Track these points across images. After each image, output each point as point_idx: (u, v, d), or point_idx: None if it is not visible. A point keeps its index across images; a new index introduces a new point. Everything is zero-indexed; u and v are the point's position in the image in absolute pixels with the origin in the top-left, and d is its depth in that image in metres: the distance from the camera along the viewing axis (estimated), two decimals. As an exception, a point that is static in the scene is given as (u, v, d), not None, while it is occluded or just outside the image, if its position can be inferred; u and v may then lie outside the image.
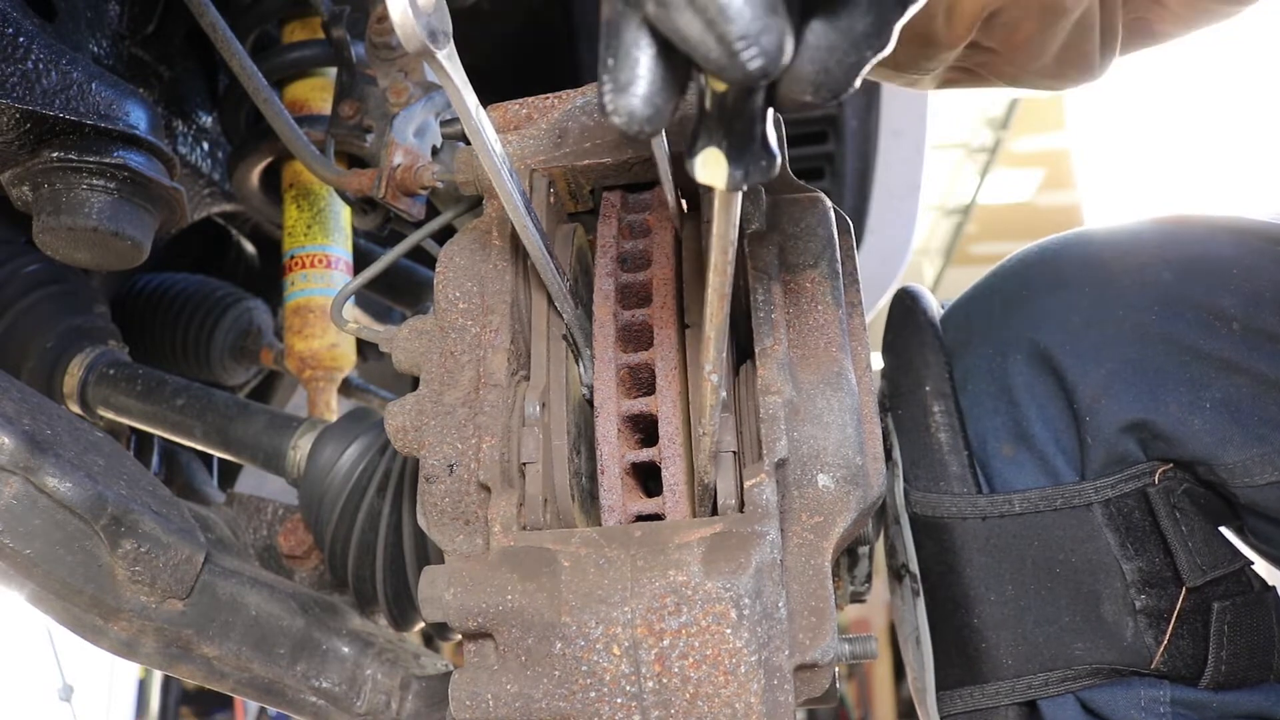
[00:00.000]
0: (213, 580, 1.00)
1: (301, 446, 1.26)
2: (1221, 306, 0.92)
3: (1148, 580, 0.92)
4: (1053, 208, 8.51)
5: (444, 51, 0.51)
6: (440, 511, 0.72)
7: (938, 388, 1.01)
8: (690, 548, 0.62)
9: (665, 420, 0.70)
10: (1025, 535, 0.95)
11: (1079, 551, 0.94)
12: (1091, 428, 0.94)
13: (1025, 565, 0.95)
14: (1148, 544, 0.93)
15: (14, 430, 0.87)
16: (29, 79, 0.99)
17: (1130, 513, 0.93)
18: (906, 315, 1.07)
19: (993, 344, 1.01)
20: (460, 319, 0.78)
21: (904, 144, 2.21)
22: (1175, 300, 0.93)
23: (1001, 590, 0.95)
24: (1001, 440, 0.99)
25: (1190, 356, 0.91)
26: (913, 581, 1.02)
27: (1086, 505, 0.93)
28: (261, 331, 1.68)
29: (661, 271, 0.75)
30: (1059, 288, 0.99)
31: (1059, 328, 0.97)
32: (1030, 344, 0.98)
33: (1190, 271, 0.95)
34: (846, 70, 0.45)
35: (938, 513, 0.98)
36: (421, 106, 1.21)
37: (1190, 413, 0.91)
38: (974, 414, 1.01)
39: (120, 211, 1.07)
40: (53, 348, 1.40)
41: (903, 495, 1.01)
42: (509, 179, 0.63)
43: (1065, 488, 0.94)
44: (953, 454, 0.99)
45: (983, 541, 0.96)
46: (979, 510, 0.96)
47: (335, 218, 1.47)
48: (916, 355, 1.04)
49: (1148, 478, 0.93)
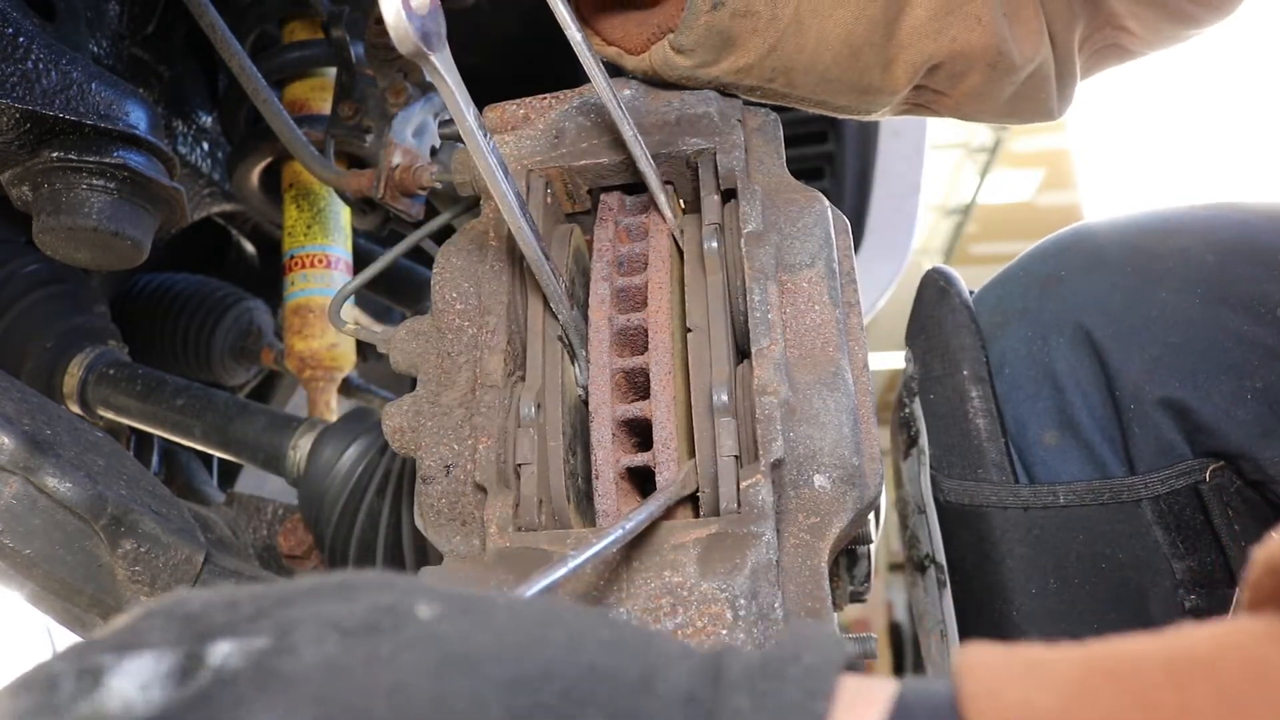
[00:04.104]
0: (213, 580, 1.00)
1: (301, 446, 1.26)
2: (1266, 292, 0.88)
3: (1198, 580, 0.89)
4: (1053, 208, 8.50)
5: (438, 54, 0.51)
6: (437, 512, 0.72)
7: (975, 371, 0.97)
8: (686, 549, 0.62)
9: (660, 425, 0.70)
10: (1070, 528, 0.91)
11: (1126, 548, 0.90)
12: (1137, 416, 0.90)
13: (1069, 559, 0.91)
14: (1200, 543, 0.89)
15: (14, 430, 0.88)
16: (29, 79, 0.99)
17: (1181, 510, 0.89)
18: (940, 296, 1.02)
19: (1031, 326, 0.96)
20: (457, 320, 0.78)
21: (904, 144, 2.21)
22: (1219, 284, 0.89)
23: (1044, 583, 0.91)
24: (1044, 427, 0.94)
25: (1233, 342, 0.87)
26: (939, 573, 0.98)
27: (1136, 501, 0.90)
28: (261, 331, 1.69)
29: (658, 275, 0.75)
30: (1098, 267, 0.95)
31: (1100, 309, 0.93)
32: (1074, 326, 0.93)
33: (1233, 256, 0.91)
34: None
35: (975, 501, 0.94)
36: (420, 107, 1.21)
37: (1234, 403, 0.87)
38: (1011, 399, 0.96)
39: (120, 211, 1.08)
40: (53, 348, 1.40)
41: (929, 484, 0.97)
42: (504, 180, 0.63)
43: (1114, 482, 0.90)
44: (991, 441, 0.95)
45: (1024, 532, 0.92)
46: (1021, 500, 0.92)
47: (335, 218, 1.47)
48: (953, 337, 0.98)
49: (1199, 474, 0.89)
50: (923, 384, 1.00)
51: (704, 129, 0.80)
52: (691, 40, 0.80)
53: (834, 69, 0.85)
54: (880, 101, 0.91)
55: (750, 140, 0.83)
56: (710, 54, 0.81)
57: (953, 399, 0.97)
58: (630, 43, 0.86)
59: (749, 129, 0.84)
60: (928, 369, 1.00)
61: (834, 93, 0.89)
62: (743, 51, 0.81)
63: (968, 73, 0.91)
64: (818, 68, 0.85)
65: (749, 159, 0.81)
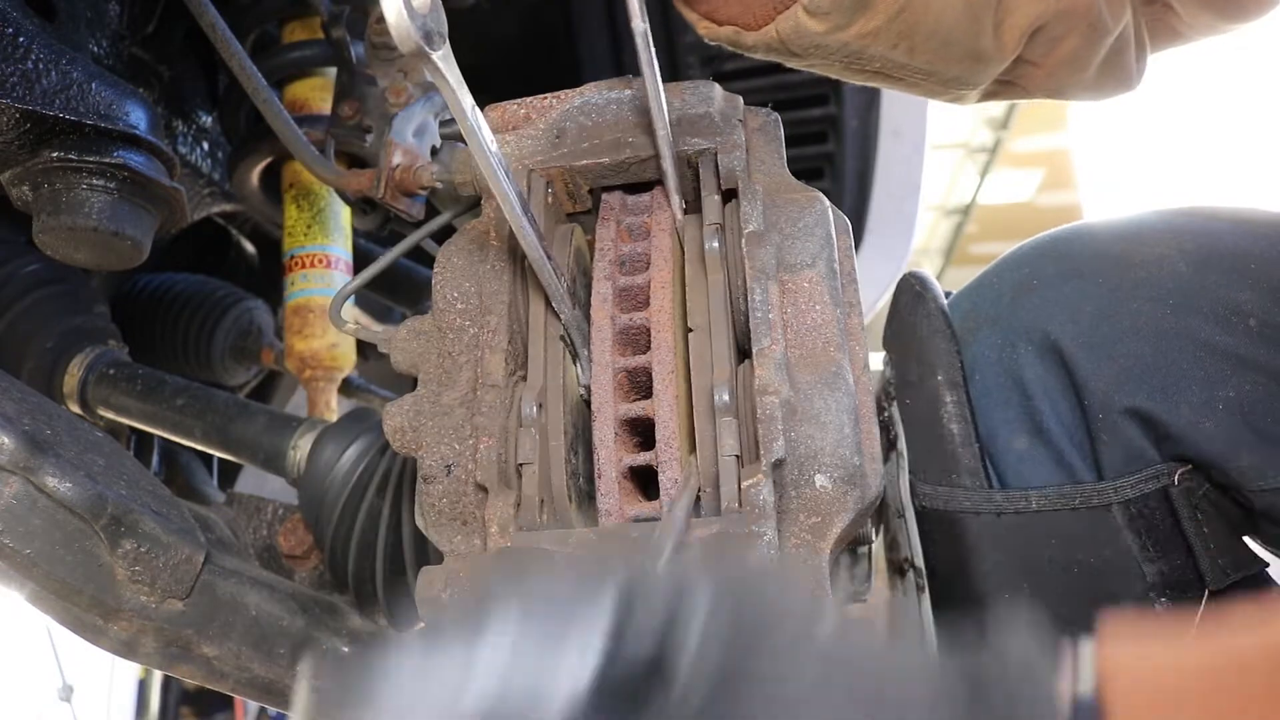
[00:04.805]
0: (213, 580, 1.00)
1: (301, 446, 1.26)
2: (1238, 301, 0.88)
3: (1169, 583, 0.89)
4: (1053, 208, 8.51)
5: (439, 53, 0.51)
6: (438, 512, 0.72)
7: (950, 377, 0.97)
8: (687, 549, 0.62)
9: (662, 424, 0.70)
10: (1042, 534, 0.92)
11: (1098, 553, 0.91)
12: (1105, 425, 0.91)
13: (1042, 564, 0.92)
14: (1169, 546, 0.90)
15: (14, 430, 0.87)
16: (29, 79, 0.99)
17: (1151, 514, 0.90)
18: (916, 301, 1.02)
19: (1001, 333, 0.97)
20: (458, 319, 0.78)
21: (904, 144, 2.21)
22: (1192, 293, 0.90)
23: (1017, 588, 0.92)
24: (1014, 433, 0.95)
25: (1205, 353, 0.88)
26: (917, 577, 0.99)
27: (1106, 506, 0.91)
28: (262, 331, 1.69)
29: (660, 275, 0.75)
30: (1071, 277, 0.95)
31: (1070, 319, 0.93)
32: (1041, 335, 0.94)
33: (1206, 264, 0.91)
34: None
35: (950, 507, 0.95)
36: (421, 107, 1.21)
37: (1202, 415, 0.88)
38: (983, 405, 0.97)
39: (120, 211, 1.08)
40: (53, 348, 1.40)
41: (908, 488, 0.98)
42: (505, 180, 0.63)
43: (1084, 486, 0.91)
44: (965, 446, 0.95)
45: (997, 538, 0.93)
46: (995, 506, 0.93)
47: (335, 218, 1.47)
48: (928, 343, 0.99)
49: (1167, 478, 0.90)
50: (899, 389, 1.01)
51: (705, 129, 0.80)
52: (829, 2, 0.83)
53: (955, 31, 0.88)
54: (989, 70, 0.94)
55: (751, 140, 0.83)
56: (844, 16, 0.85)
57: (928, 405, 0.97)
58: (749, 18, 0.89)
59: (750, 129, 0.84)
60: (903, 374, 1.00)
61: (950, 60, 0.91)
62: (874, 13, 0.85)
63: (1067, 35, 0.92)
64: (940, 31, 0.88)
65: (750, 159, 0.81)
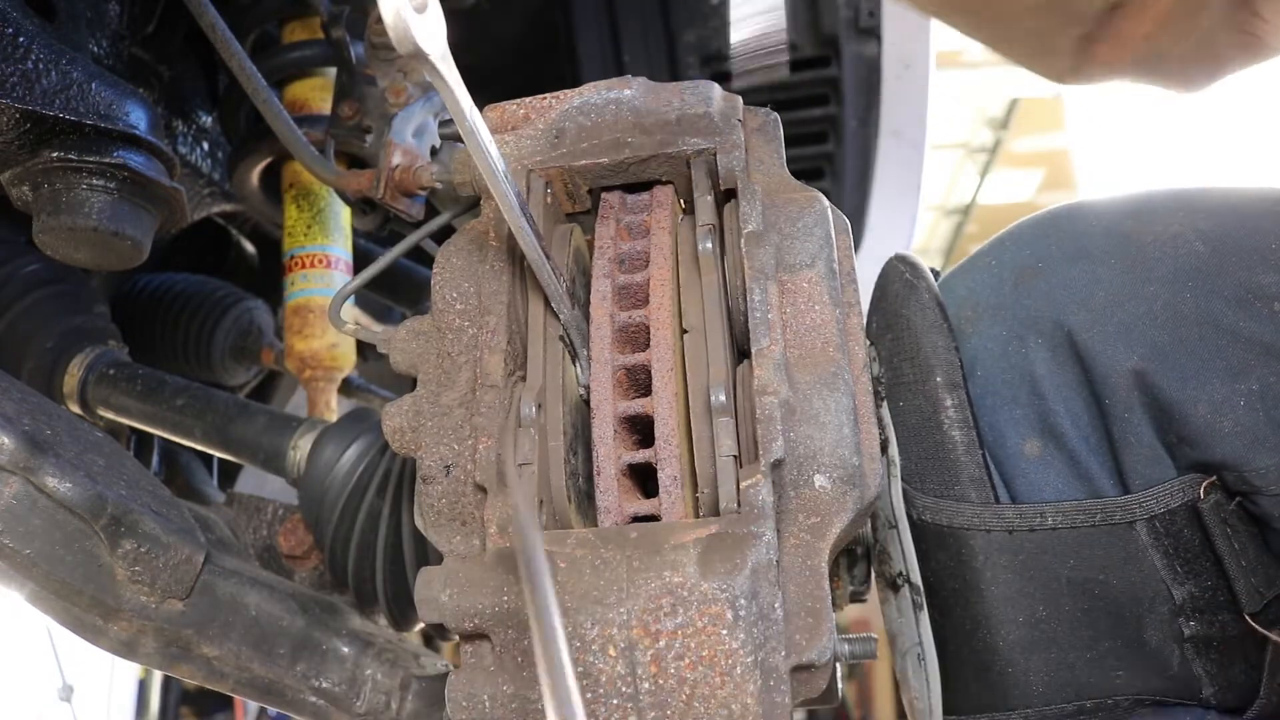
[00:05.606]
0: (213, 580, 1.00)
1: (301, 446, 1.26)
2: (1261, 284, 0.81)
3: (1198, 606, 0.83)
4: (1054, 207, 8.51)
5: (438, 53, 0.51)
6: (437, 512, 0.72)
7: (950, 378, 0.88)
8: (686, 549, 0.62)
9: (662, 421, 0.70)
10: (1059, 552, 0.84)
11: (1121, 573, 0.83)
12: (1129, 425, 0.84)
13: (1059, 585, 0.84)
14: (1199, 566, 0.83)
15: (14, 430, 0.88)
16: (29, 79, 0.99)
17: (1179, 531, 0.83)
18: (908, 291, 0.93)
19: (1006, 324, 0.89)
20: (457, 320, 0.78)
21: (904, 144, 2.21)
22: (1212, 275, 0.82)
23: (1032, 611, 0.84)
24: (1024, 436, 0.87)
25: (1228, 340, 0.81)
26: (914, 594, 0.90)
27: (1130, 523, 0.83)
28: (262, 331, 1.69)
29: (659, 273, 0.75)
30: (1079, 259, 0.87)
31: (1082, 306, 0.85)
32: (1052, 325, 0.86)
33: (1226, 244, 0.84)
34: None
35: (954, 522, 0.86)
36: (420, 107, 1.21)
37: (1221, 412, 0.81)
38: (986, 405, 0.88)
39: (120, 211, 1.08)
40: (53, 348, 1.40)
41: (900, 498, 0.90)
42: (504, 181, 0.63)
43: (1106, 501, 0.84)
44: (968, 454, 0.87)
45: (1009, 557, 0.85)
46: (1005, 523, 0.85)
47: (335, 218, 1.47)
48: (924, 338, 0.90)
49: (1193, 491, 0.83)
50: (891, 389, 0.92)
51: (704, 129, 0.79)
52: None
53: None
54: (1077, 26, 0.80)
55: (750, 140, 0.83)
56: None
57: (925, 408, 0.89)
58: None
59: (749, 129, 0.83)
60: (896, 373, 0.91)
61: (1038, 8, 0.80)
62: None
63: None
64: None
65: (749, 159, 0.81)
